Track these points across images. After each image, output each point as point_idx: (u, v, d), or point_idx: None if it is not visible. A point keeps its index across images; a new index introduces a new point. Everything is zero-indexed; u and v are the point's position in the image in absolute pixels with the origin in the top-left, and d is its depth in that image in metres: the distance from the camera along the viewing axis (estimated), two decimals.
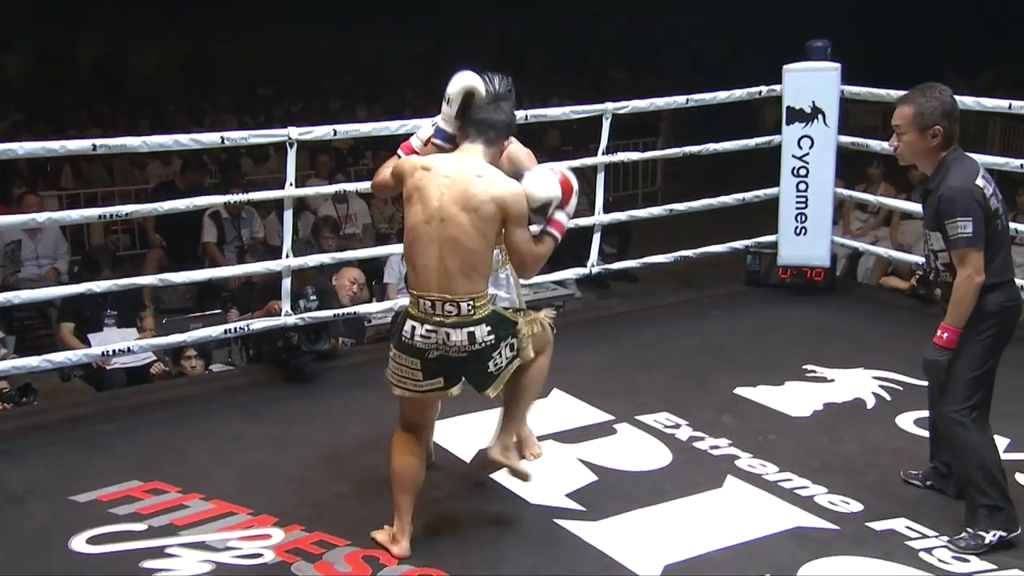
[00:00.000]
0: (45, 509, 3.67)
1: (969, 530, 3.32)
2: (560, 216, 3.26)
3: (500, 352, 3.17)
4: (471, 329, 3.11)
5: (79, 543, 3.44)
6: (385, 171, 3.38)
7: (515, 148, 3.52)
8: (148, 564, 3.31)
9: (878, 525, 3.51)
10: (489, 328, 3.13)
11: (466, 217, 3.07)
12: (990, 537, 3.28)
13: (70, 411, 4.82)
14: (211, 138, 5.00)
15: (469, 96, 3.23)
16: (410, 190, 3.16)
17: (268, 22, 15.64)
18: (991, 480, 3.31)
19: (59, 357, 4.74)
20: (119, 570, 3.30)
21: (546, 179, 3.27)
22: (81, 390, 6.00)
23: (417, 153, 3.36)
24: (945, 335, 3.27)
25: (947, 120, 3.28)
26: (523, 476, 3.41)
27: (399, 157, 3.37)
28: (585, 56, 15.19)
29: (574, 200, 3.31)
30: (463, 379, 3.20)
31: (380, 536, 3.35)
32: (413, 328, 3.15)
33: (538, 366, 3.30)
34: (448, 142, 3.31)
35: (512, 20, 15.53)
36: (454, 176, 3.10)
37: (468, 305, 3.10)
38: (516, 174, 3.27)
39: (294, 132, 4.84)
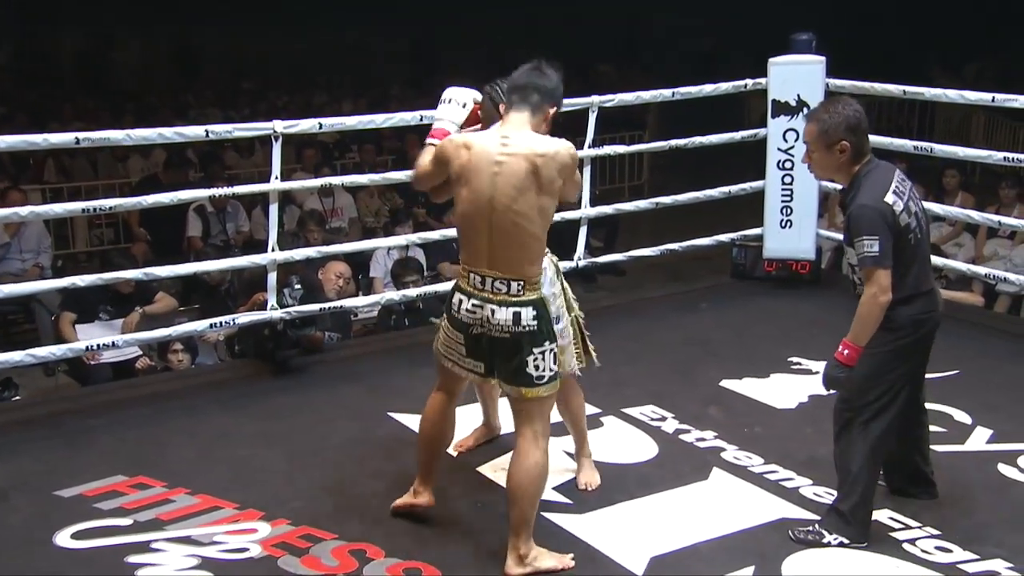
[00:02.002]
0: (29, 504, 3.66)
1: (816, 524, 3.36)
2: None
3: (544, 355, 3.08)
4: (517, 310, 3.03)
5: (64, 538, 3.43)
6: (424, 159, 3.23)
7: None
8: (133, 559, 3.30)
9: None
10: (535, 313, 3.05)
11: (529, 200, 2.97)
12: (830, 539, 3.30)
13: (54, 406, 4.81)
14: (195, 131, 4.98)
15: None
16: (457, 172, 3.03)
17: (252, 17, 15.58)
18: (855, 491, 3.30)
19: (42, 351, 4.72)
20: (104, 565, 3.29)
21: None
22: (66, 385, 5.98)
23: None
24: (846, 352, 3.23)
25: (852, 134, 3.23)
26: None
27: (434, 145, 3.23)
28: (571, 51, 15.19)
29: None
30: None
31: (401, 500, 3.46)
32: (460, 301, 3.09)
33: (537, 464, 3.11)
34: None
35: (498, 14, 15.51)
36: (508, 159, 2.97)
37: (518, 285, 3.03)
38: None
39: (279, 125, 4.82)
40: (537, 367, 3.06)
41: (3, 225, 7.16)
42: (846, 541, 3.29)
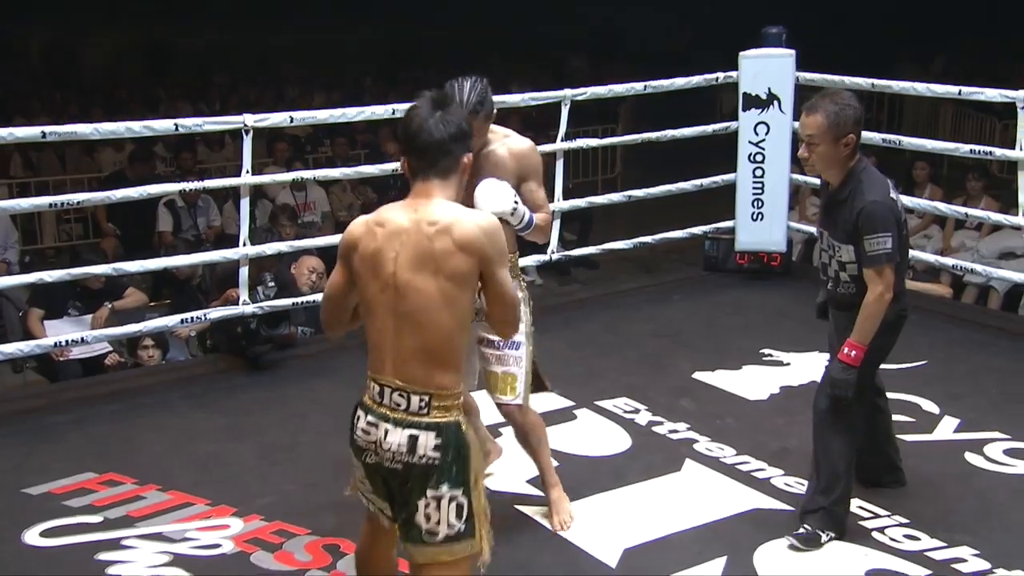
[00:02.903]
0: None
1: (807, 527, 3.30)
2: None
3: (441, 503, 2.33)
4: (414, 432, 2.33)
5: (32, 536, 3.40)
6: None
7: (499, 152, 3.20)
8: (104, 556, 3.28)
9: None
10: (438, 442, 2.32)
11: (429, 283, 2.31)
12: (825, 538, 3.28)
13: (22, 403, 4.75)
14: (165, 125, 4.93)
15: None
16: (366, 257, 2.37)
17: (224, 12, 15.47)
18: (838, 486, 3.29)
19: (10, 348, 4.67)
20: (74, 563, 3.26)
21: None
22: (34, 382, 5.91)
23: None
24: (853, 352, 3.14)
25: (858, 128, 3.15)
26: None
27: None
28: (544, 45, 15.21)
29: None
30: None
31: None
32: (358, 418, 2.42)
33: None
34: None
35: (471, 10, 15.46)
36: (410, 230, 2.34)
37: (421, 400, 2.34)
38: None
39: (249, 119, 4.79)
40: (428, 517, 2.33)
41: None
42: (835, 536, 3.29)
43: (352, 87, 12.93)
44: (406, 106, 2.68)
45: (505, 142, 3.24)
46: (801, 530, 3.29)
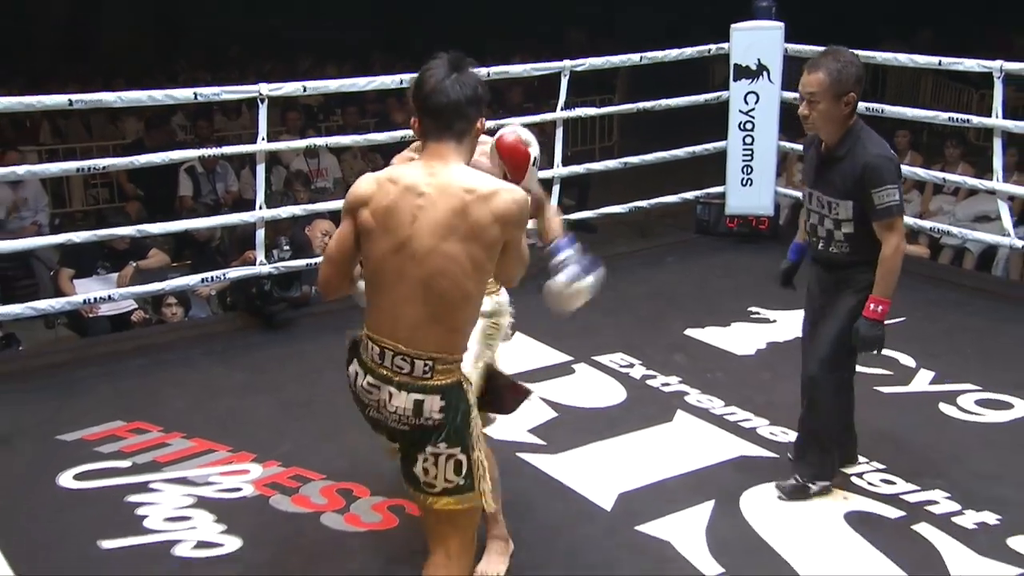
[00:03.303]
0: (33, 449, 3.65)
1: (797, 477, 3.26)
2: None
3: (439, 458, 2.24)
4: (419, 397, 2.22)
5: (67, 479, 3.43)
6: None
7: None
8: (133, 498, 3.31)
9: None
10: (443, 404, 2.23)
11: (459, 249, 2.17)
12: (815, 488, 3.24)
13: (55, 357, 4.78)
14: (184, 94, 4.90)
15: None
16: (377, 214, 2.22)
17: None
18: (837, 442, 3.27)
19: (42, 304, 4.68)
20: (105, 504, 3.29)
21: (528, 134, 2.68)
22: (66, 337, 5.93)
23: None
24: (880, 308, 2.99)
25: (859, 86, 2.99)
26: None
27: None
28: (543, 18, 15.03)
29: (532, 170, 2.60)
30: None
31: None
32: (356, 375, 2.32)
33: None
34: None
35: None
36: (433, 194, 2.18)
37: (425, 365, 2.21)
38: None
39: (265, 88, 4.76)
40: (426, 471, 2.25)
41: (9, 188, 7.08)
42: (827, 484, 3.26)
43: (362, 60, 12.80)
44: (413, 76, 2.60)
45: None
46: (791, 480, 3.27)
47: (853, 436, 3.42)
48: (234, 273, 4.98)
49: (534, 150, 2.54)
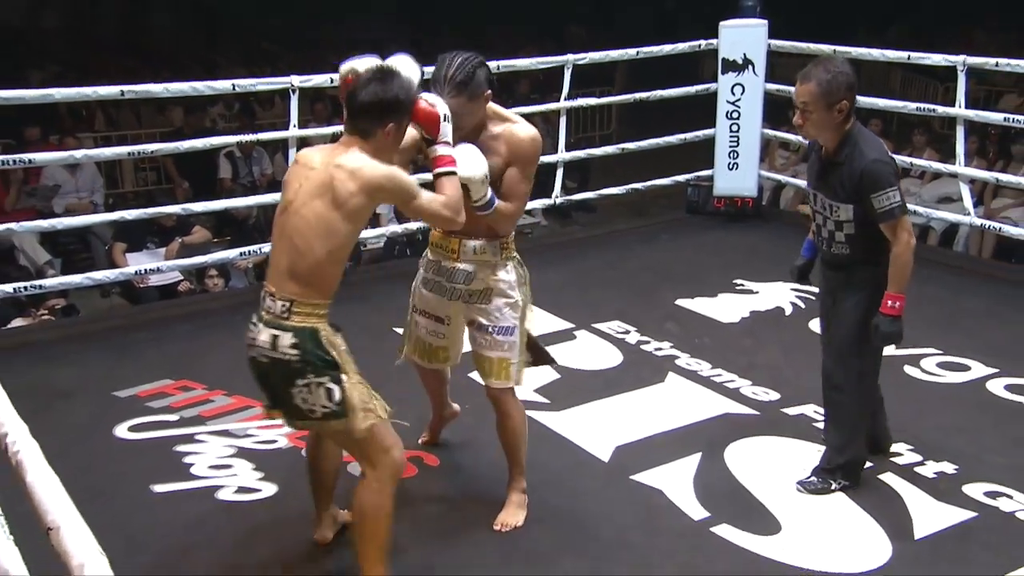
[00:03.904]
0: (91, 403, 3.67)
1: (818, 478, 3.04)
2: (440, 149, 2.47)
3: (311, 387, 2.33)
4: (276, 333, 2.32)
5: (122, 431, 3.46)
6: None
7: (496, 135, 2.70)
8: (181, 448, 3.34)
9: (791, 411, 3.58)
10: (295, 342, 2.31)
11: (318, 213, 2.28)
12: (836, 485, 3.03)
13: (109, 323, 4.80)
14: (223, 85, 4.88)
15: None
16: (283, 183, 2.43)
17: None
18: (860, 441, 3.06)
19: (99, 275, 4.69)
20: (156, 453, 3.32)
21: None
22: (119, 305, 5.96)
23: None
24: (896, 304, 2.81)
25: (851, 93, 2.79)
26: None
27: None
28: (545, 14, 14.89)
29: (448, 126, 2.47)
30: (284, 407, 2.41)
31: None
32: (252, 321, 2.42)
33: (363, 504, 2.43)
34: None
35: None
36: (317, 169, 2.32)
37: (284, 305, 2.33)
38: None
39: (296, 80, 4.73)
40: (304, 400, 2.34)
41: (67, 170, 7.09)
42: (847, 484, 3.03)
43: (384, 53, 12.71)
44: (429, 70, 2.59)
45: (506, 126, 2.71)
46: (812, 478, 3.04)
47: (883, 428, 3.22)
48: (268, 247, 4.97)
49: (442, 109, 2.46)
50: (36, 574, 1.34)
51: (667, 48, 5.88)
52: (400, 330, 4.40)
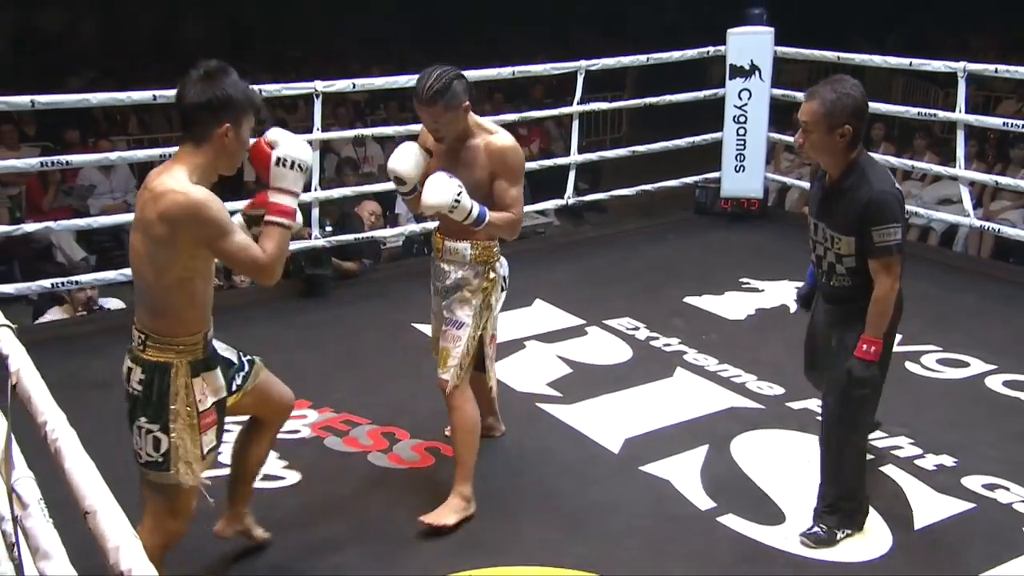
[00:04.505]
0: (122, 394, 3.68)
1: (823, 526, 2.75)
2: (273, 195, 2.18)
3: (142, 432, 2.16)
4: (130, 365, 2.18)
5: None
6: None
7: (476, 148, 2.69)
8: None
9: (795, 405, 3.56)
10: (143, 378, 2.15)
11: (139, 240, 2.10)
12: (841, 535, 2.74)
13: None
14: None
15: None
16: None
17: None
18: (863, 485, 2.80)
19: (129, 271, 4.71)
20: None
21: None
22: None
23: None
24: (872, 348, 2.54)
25: (856, 119, 2.49)
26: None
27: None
28: (557, 22, 14.87)
29: (288, 172, 2.17)
30: None
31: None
32: None
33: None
34: None
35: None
36: (144, 193, 2.12)
37: (139, 337, 2.16)
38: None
39: (319, 85, 4.74)
40: (136, 442, 2.18)
41: (102, 172, 7.15)
42: (851, 532, 2.75)
43: (402, 60, 12.73)
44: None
45: (486, 138, 2.71)
46: (815, 529, 2.75)
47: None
48: (293, 246, 4.99)
49: (279, 151, 2.18)
50: (73, 555, 1.35)
51: (677, 54, 5.86)
52: (421, 327, 4.40)
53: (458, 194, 2.62)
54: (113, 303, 5.40)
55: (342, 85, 4.93)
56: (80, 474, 1.14)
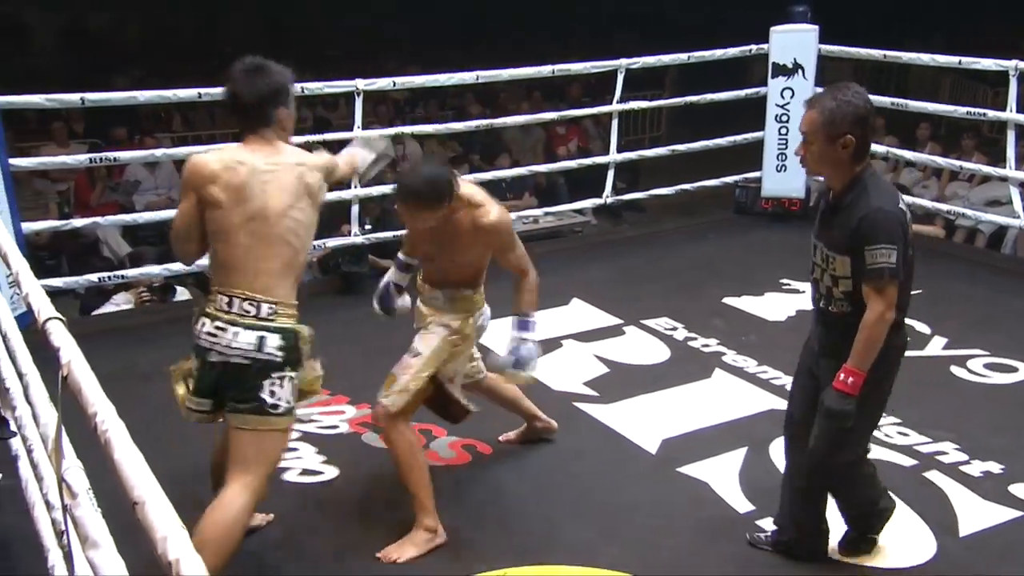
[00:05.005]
0: (168, 386, 3.74)
1: (855, 532, 2.66)
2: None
3: (283, 381, 2.34)
4: (262, 334, 2.31)
5: None
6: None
7: (464, 224, 2.70)
8: None
9: None
10: (282, 343, 2.33)
11: (308, 208, 2.36)
12: (873, 535, 2.66)
13: (185, 310, 4.88)
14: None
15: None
16: (227, 190, 2.30)
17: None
18: (883, 517, 2.64)
19: (175, 266, 4.80)
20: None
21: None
22: (196, 296, 6.08)
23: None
24: (850, 380, 2.29)
25: (860, 128, 2.28)
26: None
27: None
28: (595, 23, 14.81)
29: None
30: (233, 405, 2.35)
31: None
32: (203, 324, 2.35)
33: (226, 517, 2.29)
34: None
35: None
36: (277, 168, 2.32)
37: (269, 308, 2.32)
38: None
39: (360, 83, 4.78)
40: (272, 392, 2.32)
41: (146, 168, 7.29)
42: (877, 531, 2.65)
43: (437, 58, 12.79)
44: (488, 73, 2.64)
45: (472, 213, 2.68)
46: (849, 534, 2.65)
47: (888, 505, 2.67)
48: (333, 242, 5.05)
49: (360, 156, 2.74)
50: (119, 544, 1.38)
51: (718, 52, 5.80)
52: None
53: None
54: (183, 293, 5.50)
55: (383, 83, 4.97)
56: (129, 465, 1.17)
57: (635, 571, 2.59)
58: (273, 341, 2.32)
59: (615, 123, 5.70)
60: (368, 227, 5.18)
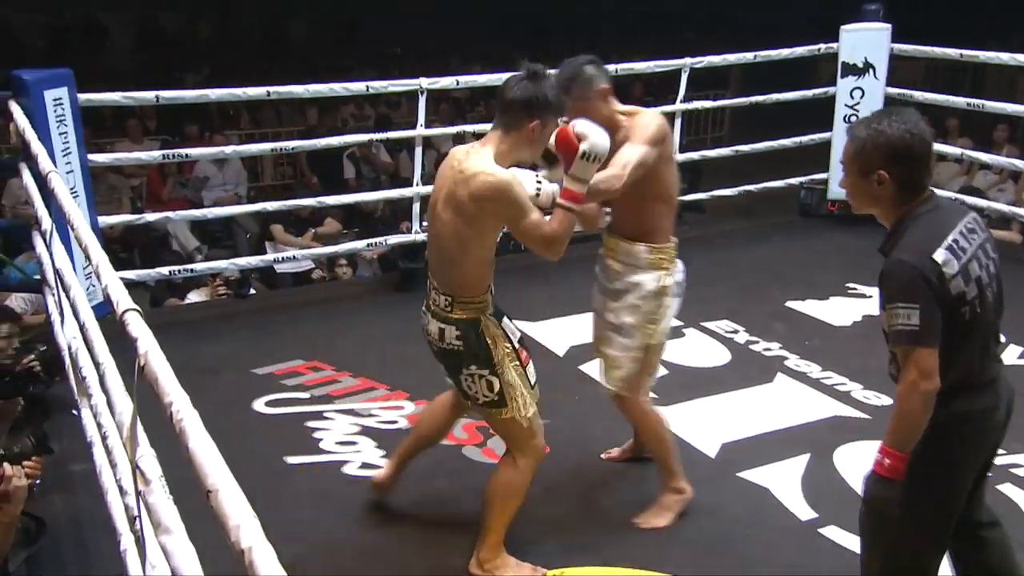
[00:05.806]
0: (234, 379, 3.84)
1: None
2: (568, 183, 2.31)
3: (473, 378, 2.43)
4: (442, 326, 2.43)
5: (259, 405, 3.61)
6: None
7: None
8: (311, 423, 3.46)
9: None
10: (459, 334, 2.41)
11: (449, 217, 2.33)
12: None
13: (248, 304, 5.01)
14: (358, 87, 5.03)
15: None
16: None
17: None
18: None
19: (241, 261, 4.92)
20: (289, 427, 3.45)
21: (522, 177, 2.36)
22: (258, 290, 6.22)
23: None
24: (887, 461, 1.93)
25: (896, 163, 1.93)
26: None
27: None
28: (659, 22, 14.68)
29: (589, 166, 2.29)
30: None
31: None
32: (422, 312, 2.54)
33: (504, 479, 2.53)
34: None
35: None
36: (453, 169, 2.34)
37: (446, 300, 2.41)
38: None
39: (424, 82, 4.82)
40: (469, 388, 2.45)
41: (215, 165, 7.47)
42: None
43: (503, 56, 12.81)
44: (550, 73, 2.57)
45: (626, 121, 2.67)
46: None
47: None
48: (394, 239, 5.10)
49: (585, 144, 2.27)
50: (189, 532, 1.42)
51: (785, 52, 5.69)
52: (517, 322, 4.43)
53: (537, 187, 2.41)
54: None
55: (446, 82, 5.00)
56: (204, 453, 1.20)
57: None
58: (450, 333, 2.46)
59: (678, 123, 5.63)
60: (426, 224, 5.22)
